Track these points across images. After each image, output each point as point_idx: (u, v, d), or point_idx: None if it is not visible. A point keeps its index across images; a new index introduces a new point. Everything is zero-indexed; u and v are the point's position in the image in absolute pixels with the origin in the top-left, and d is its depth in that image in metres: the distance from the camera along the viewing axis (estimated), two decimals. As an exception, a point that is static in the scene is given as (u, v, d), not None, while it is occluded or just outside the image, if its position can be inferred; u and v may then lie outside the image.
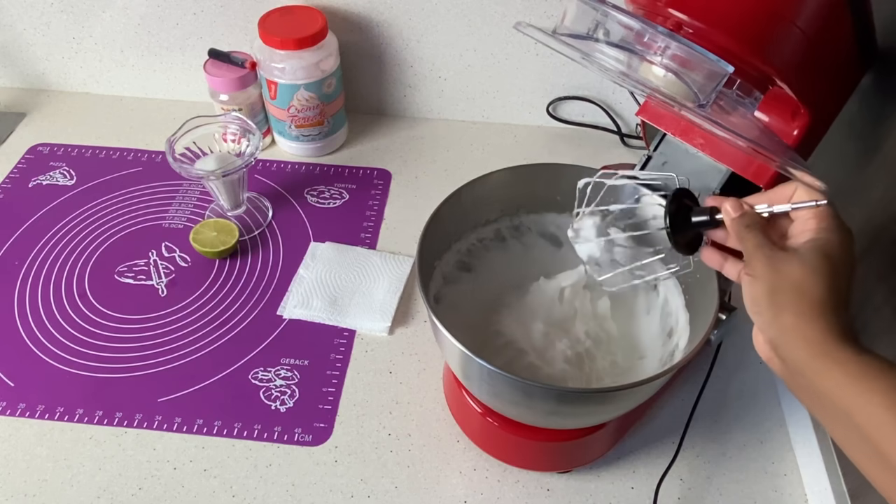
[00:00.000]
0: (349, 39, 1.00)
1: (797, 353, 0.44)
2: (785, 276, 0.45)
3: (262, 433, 0.72)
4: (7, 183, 0.97)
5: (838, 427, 0.43)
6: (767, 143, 0.52)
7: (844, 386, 0.41)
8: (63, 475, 0.68)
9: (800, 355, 0.44)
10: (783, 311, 0.44)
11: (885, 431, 0.39)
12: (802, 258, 0.45)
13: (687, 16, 0.52)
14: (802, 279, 0.44)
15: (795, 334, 0.44)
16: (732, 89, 0.60)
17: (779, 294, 0.45)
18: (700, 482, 0.69)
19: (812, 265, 0.44)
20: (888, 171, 0.65)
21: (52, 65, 1.09)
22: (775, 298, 0.45)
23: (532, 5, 0.94)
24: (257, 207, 0.94)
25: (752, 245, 0.47)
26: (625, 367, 0.68)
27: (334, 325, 0.81)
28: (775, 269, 0.45)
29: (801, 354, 0.44)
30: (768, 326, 0.46)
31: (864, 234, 0.67)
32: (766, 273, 0.46)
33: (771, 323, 0.45)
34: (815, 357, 0.43)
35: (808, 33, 0.53)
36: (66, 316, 0.82)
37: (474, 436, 0.70)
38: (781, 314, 0.44)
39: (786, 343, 0.44)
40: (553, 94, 1.04)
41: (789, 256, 0.46)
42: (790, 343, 0.44)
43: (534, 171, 0.70)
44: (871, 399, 0.40)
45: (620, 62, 0.53)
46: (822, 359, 0.43)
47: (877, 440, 0.40)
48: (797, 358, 0.44)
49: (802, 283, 0.44)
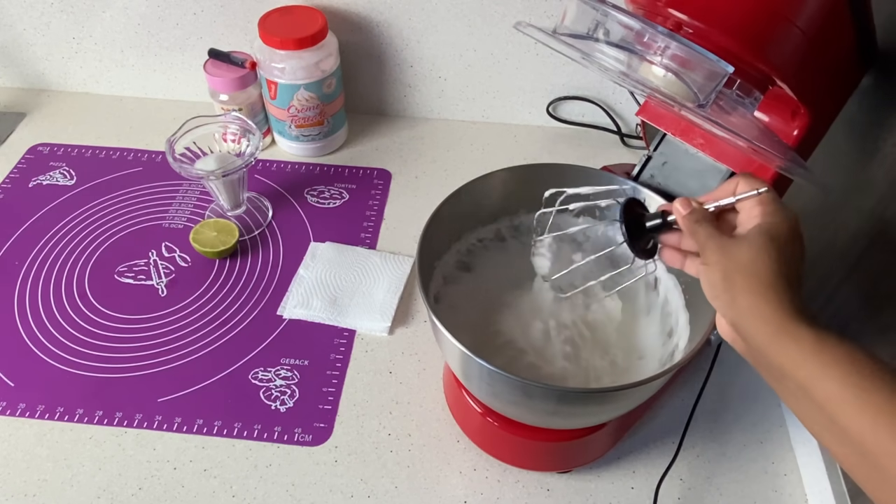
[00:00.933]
0: (349, 39, 1.00)
1: (756, 332, 0.45)
2: (736, 260, 0.47)
3: (262, 433, 0.72)
4: (7, 183, 0.97)
5: (798, 402, 0.45)
6: (767, 143, 0.52)
7: (801, 362, 0.43)
8: (63, 475, 0.68)
9: (758, 334, 0.45)
10: (738, 293, 0.46)
11: (840, 405, 0.41)
12: (750, 242, 0.47)
13: (687, 16, 0.52)
14: (752, 261, 0.46)
15: (752, 313, 0.46)
16: (732, 89, 0.60)
17: (732, 277, 0.47)
18: (700, 482, 0.69)
19: (759, 247, 0.47)
20: (888, 171, 0.65)
21: (52, 65, 1.09)
22: (729, 282, 0.47)
23: (532, 5, 0.94)
24: (257, 207, 0.94)
25: (704, 236, 0.49)
26: (624, 367, 0.68)
27: (334, 325, 0.81)
28: (726, 254, 0.48)
29: (759, 333, 0.45)
30: (727, 309, 0.47)
31: (863, 234, 0.67)
32: (719, 259, 0.48)
33: (729, 305, 0.47)
34: (772, 335, 0.45)
35: (808, 33, 0.53)
36: (66, 316, 0.82)
37: (474, 436, 0.70)
38: (737, 296, 0.46)
39: (745, 323, 0.46)
40: (553, 94, 1.05)
41: (738, 242, 0.48)
42: (748, 323, 0.46)
43: (534, 171, 0.70)
44: (826, 373, 0.42)
45: (620, 62, 0.53)
46: (779, 336, 0.44)
47: (833, 413, 0.41)
48: (756, 337, 0.45)
49: (753, 265, 0.46)
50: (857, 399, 0.40)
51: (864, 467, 0.41)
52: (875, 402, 0.40)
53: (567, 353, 0.67)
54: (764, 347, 0.45)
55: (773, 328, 0.45)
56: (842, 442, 0.42)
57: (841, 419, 0.41)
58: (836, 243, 0.72)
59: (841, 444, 0.42)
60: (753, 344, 0.46)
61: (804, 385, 0.43)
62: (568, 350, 0.67)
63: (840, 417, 0.41)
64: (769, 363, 0.45)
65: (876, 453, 0.39)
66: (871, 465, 0.40)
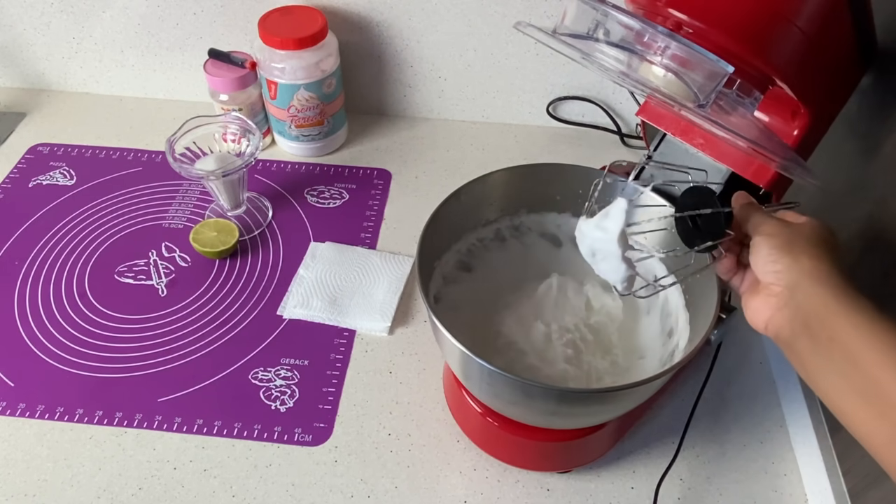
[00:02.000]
0: (349, 39, 1.00)
1: (818, 291, 0.46)
2: (798, 230, 0.50)
3: (262, 433, 0.72)
4: (7, 183, 0.97)
5: (842, 375, 0.44)
6: (767, 143, 0.52)
7: (859, 327, 0.44)
8: (63, 475, 0.68)
9: (820, 294, 0.46)
10: (801, 255, 0.48)
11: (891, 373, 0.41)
12: (812, 224, 0.51)
13: (687, 16, 0.52)
14: (816, 232, 0.49)
15: (817, 274, 0.47)
16: (732, 89, 0.60)
17: (796, 243, 0.49)
18: (700, 482, 0.69)
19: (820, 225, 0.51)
20: (888, 171, 0.65)
21: (52, 65, 1.09)
22: (793, 247, 0.49)
23: (532, 5, 0.94)
24: (257, 207, 0.94)
25: (761, 216, 0.52)
26: (625, 367, 0.68)
27: (334, 325, 0.81)
28: (789, 226, 0.50)
29: (822, 292, 0.46)
30: (787, 272, 0.48)
31: (864, 234, 0.67)
32: (781, 229, 0.50)
33: (790, 267, 0.48)
34: (833, 298, 0.46)
35: (808, 33, 0.53)
36: (66, 316, 0.82)
37: (474, 436, 0.70)
38: (800, 258, 0.48)
39: (806, 284, 0.47)
40: (553, 94, 1.05)
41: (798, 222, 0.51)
42: (811, 283, 0.47)
43: (534, 171, 0.70)
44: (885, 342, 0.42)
45: (620, 62, 0.53)
46: (840, 300, 0.45)
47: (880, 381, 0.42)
48: (815, 300, 0.46)
49: (817, 234, 0.49)
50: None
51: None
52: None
53: (568, 355, 0.67)
54: (821, 308, 0.46)
55: (835, 289, 0.46)
56: (882, 414, 0.42)
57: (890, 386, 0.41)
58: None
59: (880, 417, 0.42)
60: (808, 307, 0.46)
61: (855, 349, 0.43)
62: (569, 353, 0.67)
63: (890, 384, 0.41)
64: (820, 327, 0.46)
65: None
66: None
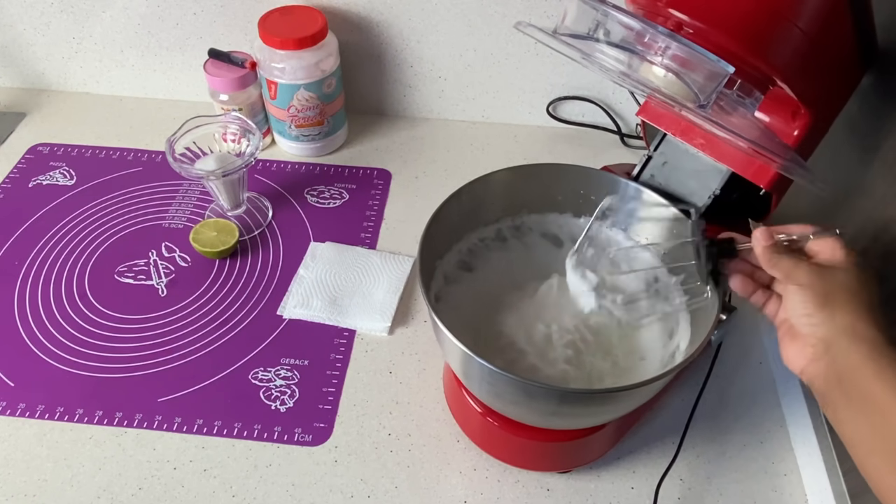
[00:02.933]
0: (349, 39, 1.00)
1: (852, 351, 0.45)
2: (835, 281, 0.48)
3: (262, 433, 0.72)
4: (7, 183, 0.97)
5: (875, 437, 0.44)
6: (768, 144, 0.52)
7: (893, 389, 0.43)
8: (63, 475, 0.68)
9: (854, 354, 0.45)
10: (837, 310, 0.47)
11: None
12: (847, 269, 0.48)
13: (687, 16, 0.52)
14: (852, 283, 0.47)
15: (851, 332, 0.46)
16: (733, 90, 0.60)
17: (832, 296, 0.47)
18: (700, 482, 0.69)
19: (858, 274, 0.48)
20: (888, 171, 0.65)
21: (52, 65, 1.09)
22: (829, 300, 0.47)
23: (532, 5, 0.94)
24: (257, 207, 0.94)
25: (791, 263, 0.50)
26: (625, 367, 0.68)
27: (334, 325, 0.81)
28: (823, 277, 0.48)
29: (855, 353, 0.45)
30: (823, 325, 0.47)
31: (864, 234, 0.67)
32: (815, 280, 0.48)
33: (825, 322, 0.47)
34: (868, 357, 0.44)
35: (808, 33, 0.53)
36: (66, 316, 0.82)
37: (474, 436, 0.70)
38: (836, 314, 0.47)
39: (840, 341, 0.46)
40: (553, 94, 1.05)
41: (834, 269, 0.49)
42: (844, 341, 0.46)
43: (534, 171, 0.70)
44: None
45: (621, 62, 0.53)
46: (876, 360, 0.44)
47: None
48: (850, 357, 0.45)
49: (853, 287, 0.47)
50: None
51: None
52: None
53: (569, 356, 0.67)
54: (855, 369, 0.45)
55: (869, 347, 0.44)
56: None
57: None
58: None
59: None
60: (842, 363, 0.46)
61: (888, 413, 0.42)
62: (570, 353, 0.67)
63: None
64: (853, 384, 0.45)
65: None
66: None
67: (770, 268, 0.51)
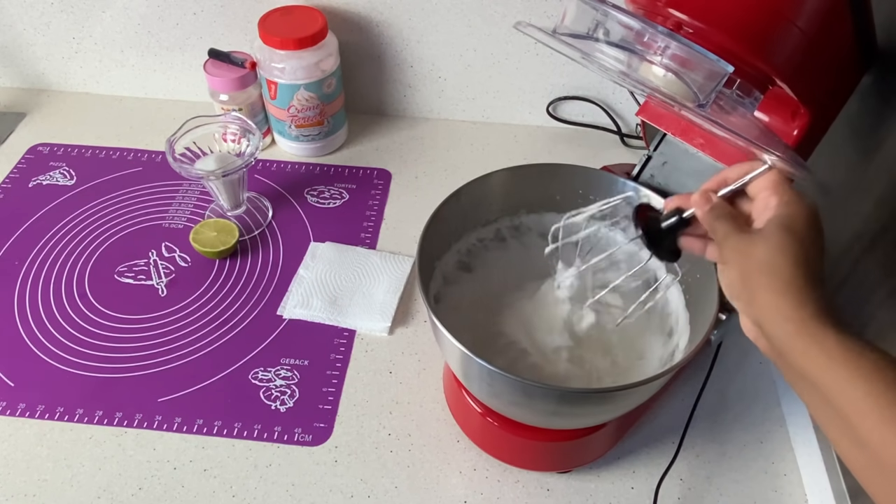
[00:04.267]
0: (349, 39, 1.00)
1: (778, 331, 0.44)
2: (753, 258, 0.46)
3: (262, 433, 0.72)
4: (7, 183, 0.97)
5: (818, 406, 0.44)
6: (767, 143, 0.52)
7: (824, 367, 0.42)
8: (63, 475, 0.68)
9: (781, 334, 0.44)
10: (757, 291, 0.45)
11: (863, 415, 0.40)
12: (767, 238, 0.46)
13: (687, 15, 0.52)
14: (770, 258, 0.45)
15: (773, 312, 0.45)
16: (732, 89, 0.60)
17: (751, 276, 0.46)
18: (700, 482, 0.69)
19: (777, 243, 0.45)
20: (888, 171, 0.65)
21: (52, 65, 1.09)
22: (748, 281, 0.46)
23: (532, 5, 0.94)
24: (257, 207, 0.94)
25: (722, 235, 0.49)
26: (625, 367, 0.68)
27: (334, 325, 0.81)
28: (744, 253, 0.46)
29: (781, 333, 0.44)
30: (747, 308, 0.47)
31: (864, 234, 0.67)
32: (736, 258, 0.47)
33: (749, 304, 0.46)
34: (795, 336, 0.43)
35: (808, 33, 0.53)
36: (66, 316, 0.82)
37: (474, 436, 0.70)
38: (757, 295, 0.45)
39: (766, 322, 0.45)
40: (553, 94, 1.05)
41: (754, 238, 0.46)
42: (770, 322, 0.45)
43: (534, 171, 0.70)
44: (851, 382, 0.41)
45: (620, 62, 0.53)
46: (802, 338, 0.43)
47: (853, 422, 0.40)
48: (778, 337, 0.44)
49: (771, 262, 0.45)
50: (882, 411, 0.39)
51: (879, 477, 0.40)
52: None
53: (569, 355, 0.67)
54: (786, 348, 0.44)
55: (794, 327, 0.43)
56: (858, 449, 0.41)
57: (862, 429, 0.40)
58: (836, 244, 0.72)
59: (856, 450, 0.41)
60: (777, 344, 0.45)
61: (825, 390, 0.42)
62: (569, 353, 0.67)
63: (861, 427, 0.40)
64: (791, 364, 0.44)
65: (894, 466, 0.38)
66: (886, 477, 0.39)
67: (712, 235, 0.50)
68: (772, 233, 0.46)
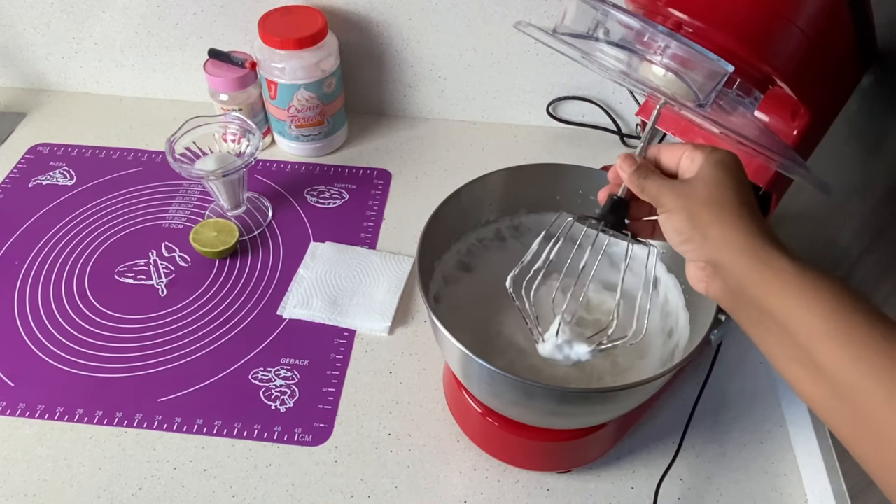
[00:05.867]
0: (349, 39, 1.00)
1: (733, 265, 0.44)
2: (696, 196, 0.46)
3: (262, 433, 0.72)
4: (7, 183, 0.97)
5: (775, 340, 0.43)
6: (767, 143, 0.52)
7: (782, 294, 0.42)
8: (63, 475, 0.68)
9: (736, 267, 0.44)
10: (707, 227, 0.45)
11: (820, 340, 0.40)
12: (705, 178, 0.46)
13: (687, 15, 0.52)
14: (713, 193, 0.45)
15: (727, 246, 0.44)
16: (732, 89, 0.60)
17: (697, 214, 0.46)
18: (700, 482, 0.69)
19: (716, 178, 0.46)
20: (888, 171, 0.65)
21: (52, 65, 1.09)
22: (696, 220, 0.46)
23: (532, 5, 0.94)
24: (257, 207, 0.94)
25: (656, 187, 0.48)
26: (625, 366, 0.68)
27: (334, 325, 0.81)
28: (686, 195, 0.46)
29: (737, 265, 0.44)
30: (700, 248, 0.46)
31: (865, 233, 0.67)
32: (679, 202, 0.47)
33: (701, 244, 0.46)
34: (750, 266, 0.43)
35: (808, 33, 0.53)
36: (66, 316, 0.82)
37: (474, 436, 0.70)
38: (707, 231, 0.45)
39: (720, 258, 0.45)
40: (553, 94, 1.05)
41: (692, 181, 0.47)
42: (724, 257, 0.45)
43: (534, 171, 0.70)
44: (808, 306, 0.41)
45: (620, 61, 0.53)
46: (758, 267, 0.43)
47: (811, 348, 0.40)
48: (735, 271, 0.44)
49: (715, 196, 0.45)
50: (839, 334, 0.39)
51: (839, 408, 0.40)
52: (856, 338, 0.39)
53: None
54: (743, 281, 0.44)
55: (749, 259, 0.43)
56: (817, 380, 0.40)
57: (819, 355, 0.40)
58: (836, 243, 0.72)
59: (816, 382, 0.41)
60: (732, 281, 0.44)
61: (783, 319, 0.42)
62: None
63: (819, 353, 0.40)
64: (749, 299, 0.44)
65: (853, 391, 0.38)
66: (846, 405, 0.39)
67: (640, 194, 0.50)
68: (709, 172, 0.46)
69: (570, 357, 0.58)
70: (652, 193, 0.49)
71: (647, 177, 0.49)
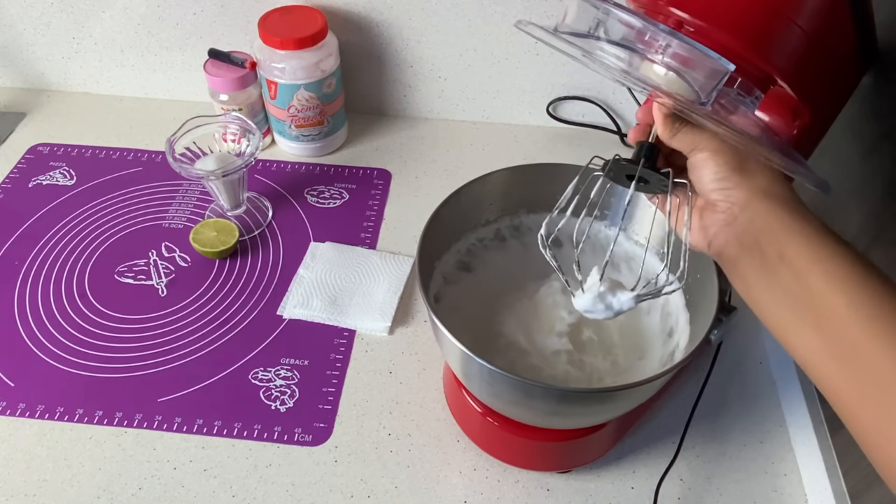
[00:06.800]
0: (349, 39, 1.00)
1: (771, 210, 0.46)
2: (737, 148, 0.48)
3: (262, 433, 0.72)
4: (7, 183, 0.97)
5: (782, 288, 0.44)
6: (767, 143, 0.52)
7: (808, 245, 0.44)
8: (63, 475, 0.68)
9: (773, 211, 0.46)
10: (756, 173, 0.47)
11: (835, 294, 0.42)
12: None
13: (688, 14, 0.52)
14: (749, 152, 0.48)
15: (769, 193, 0.46)
16: (733, 88, 0.60)
17: (745, 162, 0.48)
18: (700, 482, 0.69)
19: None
20: (888, 171, 0.65)
21: (52, 65, 1.09)
22: (743, 164, 0.47)
23: (532, 5, 0.94)
24: (257, 207, 0.94)
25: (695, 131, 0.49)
26: (625, 366, 0.68)
27: (334, 325, 0.81)
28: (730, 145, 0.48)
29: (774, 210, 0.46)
30: (738, 189, 0.47)
31: (864, 234, 0.67)
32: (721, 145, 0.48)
33: (741, 184, 0.47)
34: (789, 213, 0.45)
35: (808, 32, 0.53)
36: (66, 316, 0.81)
37: (474, 436, 0.70)
38: (755, 175, 0.47)
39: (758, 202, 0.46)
40: (553, 94, 1.05)
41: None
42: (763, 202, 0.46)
43: (534, 171, 0.70)
44: (831, 260, 0.43)
45: (621, 60, 0.53)
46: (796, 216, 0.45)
47: (823, 302, 0.42)
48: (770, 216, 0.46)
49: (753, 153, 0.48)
50: (857, 291, 0.41)
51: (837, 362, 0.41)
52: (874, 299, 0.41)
53: (569, 356, 0.67)
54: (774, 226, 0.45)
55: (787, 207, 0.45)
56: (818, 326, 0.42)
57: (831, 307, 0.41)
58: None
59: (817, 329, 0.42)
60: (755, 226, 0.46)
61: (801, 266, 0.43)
62: (570, 353, 0.67)
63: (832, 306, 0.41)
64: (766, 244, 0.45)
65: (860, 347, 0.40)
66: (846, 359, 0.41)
67: (671, 138, 0.50)
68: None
69: (612, 306, 0.54)
70: (688, 139, 0.50)
71: (684, 125, 0.50)
